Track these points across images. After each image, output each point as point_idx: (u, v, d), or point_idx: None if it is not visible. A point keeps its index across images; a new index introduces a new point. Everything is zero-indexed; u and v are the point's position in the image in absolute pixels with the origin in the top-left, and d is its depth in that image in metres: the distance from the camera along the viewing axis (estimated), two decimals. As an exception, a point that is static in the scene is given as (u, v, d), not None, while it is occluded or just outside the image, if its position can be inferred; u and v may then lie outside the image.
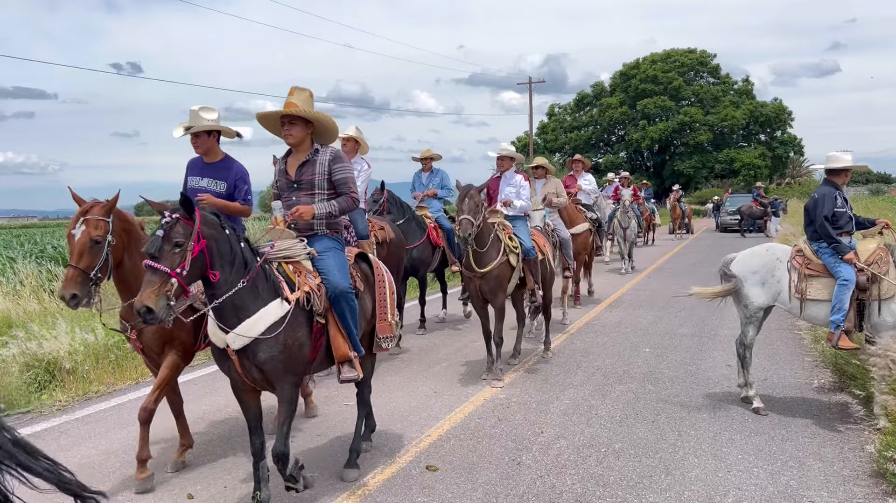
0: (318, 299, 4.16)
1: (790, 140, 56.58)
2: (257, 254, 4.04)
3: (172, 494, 4.47)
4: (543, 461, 4.90)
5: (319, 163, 4.49)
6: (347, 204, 4.52)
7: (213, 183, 5.10)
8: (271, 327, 3.89)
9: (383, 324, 4.82)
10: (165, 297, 3.47)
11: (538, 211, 8.52)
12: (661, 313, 10.79)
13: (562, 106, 61.74)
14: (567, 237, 9.61)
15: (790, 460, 4.87)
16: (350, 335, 4.34)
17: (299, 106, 4.39)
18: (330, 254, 4.41)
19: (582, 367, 7.51)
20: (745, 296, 5.98)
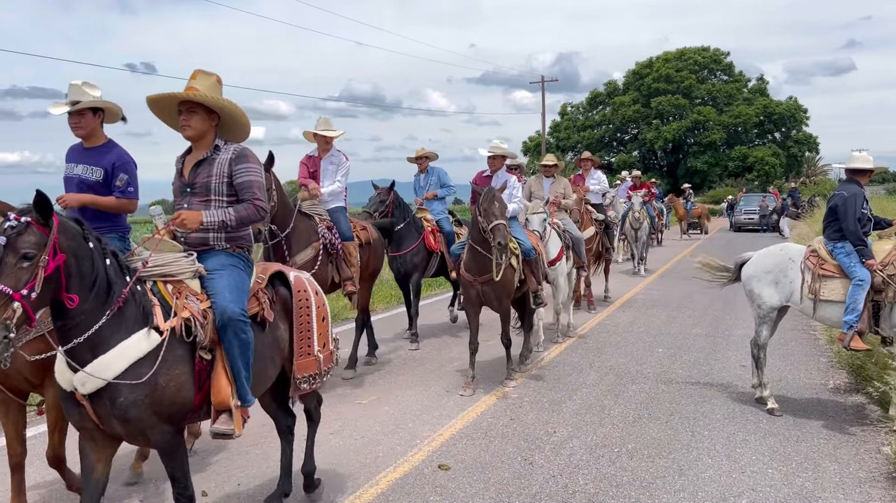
0: (203, 328, 3.33)
1: (805, 138, 56.13)
2: (127, 271, 3.23)
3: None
4: (556, 461, 4.89)
5: (218, 162, 3.72)
6: (249, 212, 3.67)
7: (87, 170, 4.43)
8: (135, 366, 3.07)
9: (305, 360, 3.99)
10: (3, 327, 2.68)
11: (537, 215, 7.96)
12: (674, 313, 10.74)
13: (574, 105, 61.53)
14: (579, 236, 9.27)
15: (805, 461, 4.83)
16: (236, 377, 3.46)
17: (201, 91, 3.65)
18: (224, 273, 3.59)
19: (595, 367, 7.49)
20: (758, 295, 5.95)
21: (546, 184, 9.28)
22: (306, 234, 6.60)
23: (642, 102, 55.92)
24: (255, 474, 4.77)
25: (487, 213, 6.18)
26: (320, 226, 6.79)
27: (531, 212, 7.94)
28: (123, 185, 4.45)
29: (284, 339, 3.91)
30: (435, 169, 9.37)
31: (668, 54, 57.38)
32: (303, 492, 4.34)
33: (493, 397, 6.40)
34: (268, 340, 3.77)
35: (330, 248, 6.77)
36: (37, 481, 4.62)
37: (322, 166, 7.34)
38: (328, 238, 6.75)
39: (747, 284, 6.06)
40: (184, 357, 3.27)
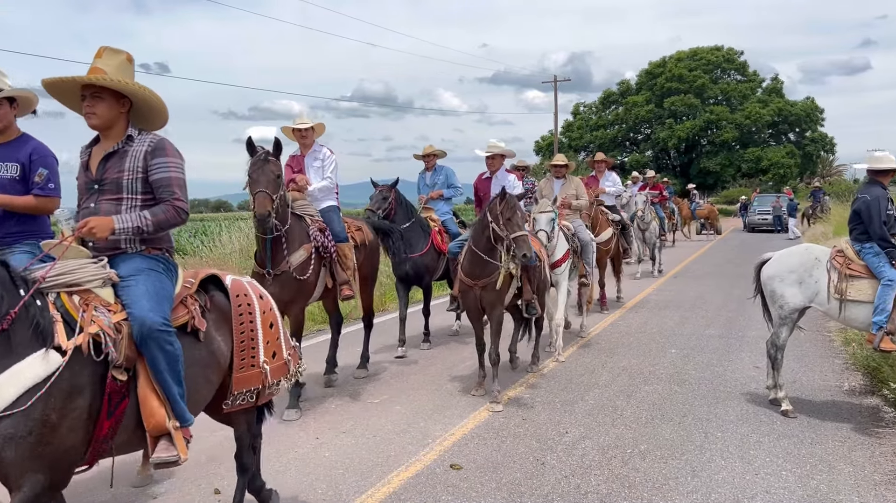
0: (117, 344, 2.90)
1: (821, 138, 55.69)
2: (24, 283, 2.79)
3: (199, 489, 4.52)
4: (568, 461, 4.88)
5: (131, 155, 3.26)
6: (168, 216, 3.24)
7: (1, 167, 4.08)
8: (25, 395, 2.60)
9: (246, 373, 3.54)
10: None
11: (545, 213, 7.50)
12: (687, 314, 10.69)
13: (587, 104, 61.32)
14: (588, 240, 8.77)
15: (819, 463, 4.80)
16: (169, 395, 3.06)
17: (108, 73, 3.17)
18: (141, 279, 3.14)
19: (607, 368, 7.46)
20: (781, 296, 5.87)
21: (557, 185, 8.88)
22: (299, 236, 6.08)
23: (655, 102, 55.68)
24: (268, 472, 4.78)
25: (510, 224, 5.83)
26: (311, 227, 6.22)
27: (538, 210, 7.56)
28: (43, 182, 4.06)
29: (223, 351, 3.44)
30: (443, 168, 9.04)
31: (681, 54, 57.10)
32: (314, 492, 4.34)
33: (505, 397, 6.39)
34: (201, 354, 3.33)
35: (322, 252, 6.22)
36: None
37: (306, 164, 6.86)
38: (320, 241, 6.20)
39: (769, 284, 5.98)
40: (87, 381, 2.79)
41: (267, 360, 3.61)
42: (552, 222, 7.54)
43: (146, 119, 3.43)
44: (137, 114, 3.38)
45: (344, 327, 7.67)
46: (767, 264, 6.07)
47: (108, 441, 2.92)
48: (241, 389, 3.55)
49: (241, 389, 3.56)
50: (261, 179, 5.44)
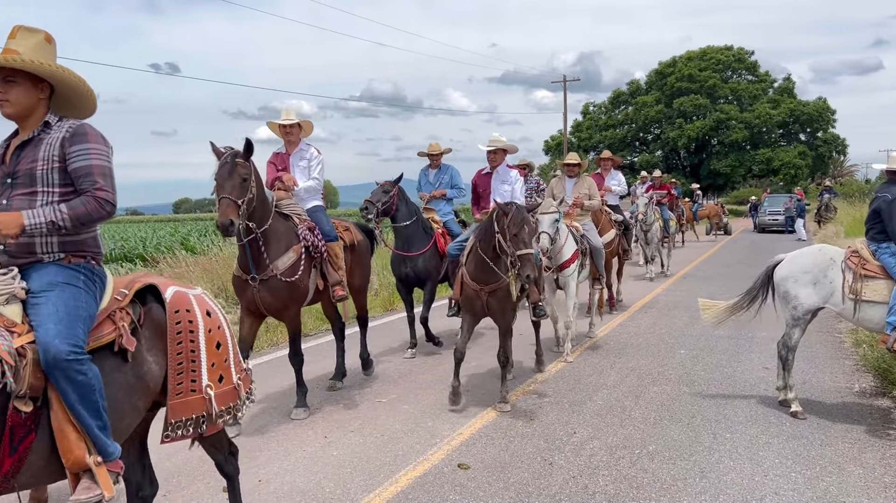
0: (18, 372, 2.55)
1: (833, 139, 55.36)
2: None
3: (209, 487, 4.54)
4: (576, 462, 4.88)
5: (47, 143, 2.89)
6: (89, 209, 2.83)
7: None
8: None
9: (184, 400, 3.09)
10: None
11: (548, 215, 7.15)
12: (696, 314, 10.51)
13: (597, 104, 61.20)
14: (599, 244, 8.49)
15: (829, 465, 4.77)
16: (87, 428, 2.69)
17: (22, 54, 2.80)
18: (52, 296, 2.76)
19: (615, 368, 7.45)
20: (794, 296, 5.82)
21: (569, 184, 8.68)
22: (286, 236, 5.78)
23: (665, 102, 55.51)
24: (277, 471, 4.81)
25: (516, 240, 5.43)
26: (300, 226, 5.96)
27: (541, 211, 7.18)
28: None
29: (154, 374, 3.03)
30: (448, 167, 8.72)
31: (691, 53, 56.89)
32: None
33: (513, 397, 6.38)
34: (126, 377, 2.92)
35: (313, 252, 5.97)
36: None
37: (291, 162, 6.58)
38: (310, 240, 5.94)
39: (782, 285, 5.93)
40: None
41: (211, 385, 3.14)
42: (555, 224, 7.25)
43: (72, 106, 3.07)
44: (61, 101, 3.04)
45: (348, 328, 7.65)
46: (781, 265, 6.03)
47: (10, 479, 2.57)
48: (179, 418, 3.09)
49: (180, 418, 3.09)
50: (226, 184, 5.03)
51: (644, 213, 14.81)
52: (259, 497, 4.39)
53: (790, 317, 5.92)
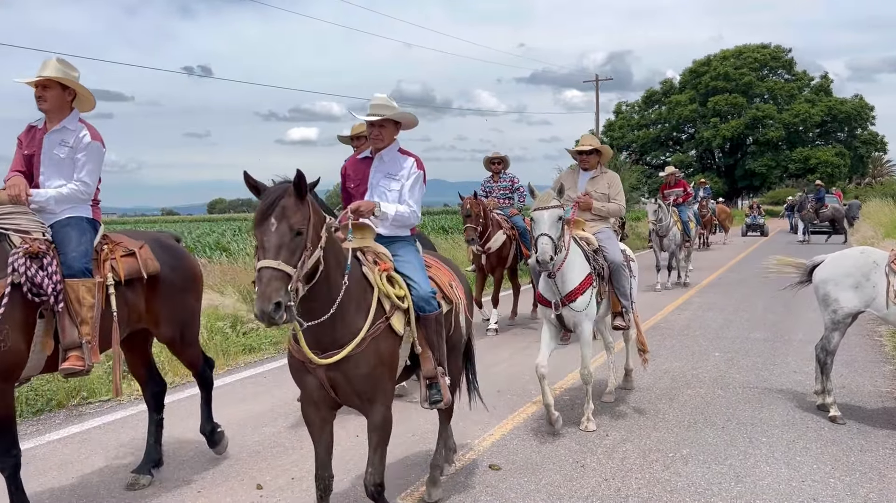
0: None
1: (872, 138, 54.19)
2: None
3: (242, 484, 4.60)
4: (608, 464, 4.84)
5: None
6: None
7: None
8: None
9: None
10: None
11: (547, 210, 5.25)
12: (731, 317, 10.50)
13: (629, 104, 60.75)
14: (619, 261, 5.92)
15: (869, 471, 4.66)
16: None
17: None
18: None
19: (648, 370, 7.37)
20: (835, 300, 5.66)
21: (582, 179, 6.36)
22: None
23: (699, 101, 54.85)
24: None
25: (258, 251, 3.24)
26: (15, 250, 3.86)
27: (537, 205, 5.36)
28: None
29: None
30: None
31: (726, 52, 56.17)
32: (349, 489, 4.38)
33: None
34: None
35: (32, 293, 3.83)
36: (101, 470, 4.77)
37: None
38: (26, 273, 3.83)
39: (822, 288, 5.78)
40: None
41: None
42: (559, 223, 5.27)
43: None
44: None
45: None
46: (821, 267, 5.87)
47: None
48: None
49: None
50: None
51: (654, 221, 13.60)
52: (292, 494, 4.44)
53: (829, 321, 5.78)
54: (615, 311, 6.00)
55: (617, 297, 5.92)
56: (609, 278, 5.86)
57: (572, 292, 5.45)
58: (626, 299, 5.95)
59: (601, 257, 5.84)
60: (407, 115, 4.18)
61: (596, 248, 5.88)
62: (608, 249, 5.93)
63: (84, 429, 5.70)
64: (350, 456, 5.05)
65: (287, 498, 4.37)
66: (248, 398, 6.56)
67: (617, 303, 5.95)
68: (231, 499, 4.38)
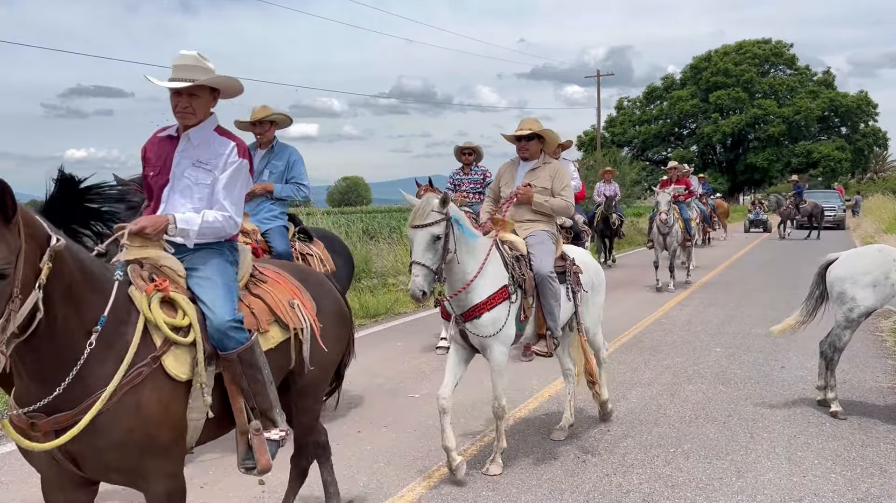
0: None
1: (873, 133, 54.13)
2: None
3: (244, 480, 4.60)
4: (610, 459, 4.84)
5: None
6: None
7: None
8: None
9: None
10: None
11: (421, 230, 4.23)
12: (732, 312, 10.50)
13: (631, 99, 60.72)
14: (545, 271, 4.78)
15: (871, 467, 4.67)
16: None
17: None
18: None
19: (650, 366, 7.38)
20: (852, 298, 5.57)
21: (521, 170, 5.27)
22: None
23: (700, 97, 54.80)
24: (312, 464, 4.85)
25: None
26: None
27: (410, 221, 4.37)
28: None
29: None
30: None
31: (727, 47, 56.08)
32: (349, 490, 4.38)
33: (546, 394, 6.37)
34: None
35: None
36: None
37: None
38: None
39: (838, 286, 5.69)
40: None
41: None
42: (437, 245, 4.22)
43: None
44: None
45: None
46: (836, 265, 5.79)
47: None
48: None
49: None
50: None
51: (665, 212, 12.76)
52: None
53: (843, 319, 5.68)
54: (539, 333, 4.94)
55: (543, 317, 4.86)
56: (536, 296, 4.82)
57: (476, 307, 4.42)
58: (551, 319, 4.81)
59: (525, 265, 4.80)
60: (228, 79, 3.22)
61: (519, 256, 4.81)
62: (535, 256, 4.85)
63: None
64: (352, 450, 5.04)
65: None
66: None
67: (543, 325, 4.89)
68: (234, 495, 4.39)
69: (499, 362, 4.60)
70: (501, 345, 4.58)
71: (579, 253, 5.43)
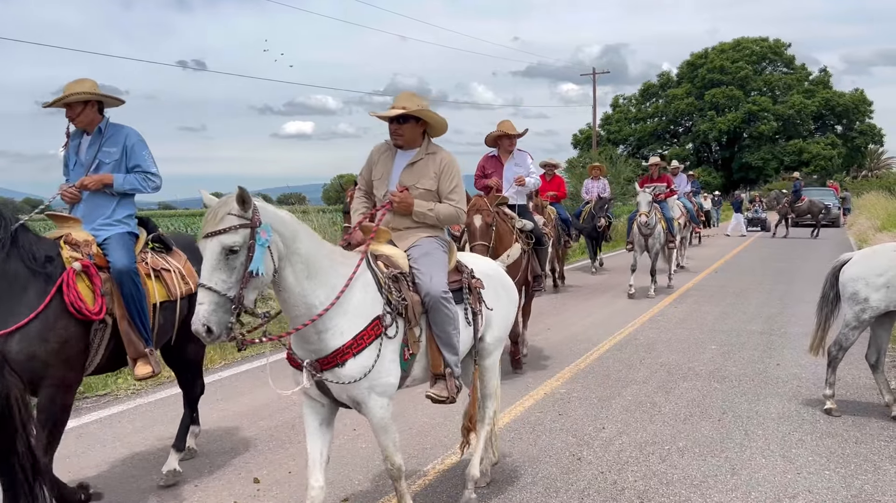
0: None
1: (869, 129, 54.25)
2: None
3: (240, 478, 4.61)
4: (605, 457, 4.85)
5: None
6: None
7: None
8: None
9: None
10: None
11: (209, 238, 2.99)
12: (727, 310, 10.52)
13: (626, 97, 60.73)
14: (437, 292, 3.62)
15: (864, 463, 4.69)
16: None
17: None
18: None
19: (645, 364, 7.39)
20: (865, 299, 5.50)
21: (398, 162, 3.99)
22: None
23: (696, 94, 54.85)
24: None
25: None
26: None
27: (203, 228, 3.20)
28: None
29: None
30: None
31: (724, 45, 56.12)
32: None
33: (541, 392, 6.38)
34: None
35: None
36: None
37: None
38: None
39: (851, 286, 5.62)
40: None
41: None
42: (232, 260, 2.96)
43: None
44: None
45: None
46: (849, 265, 5.73)
47: None
48: None
49: None
50: None
51: (647, 213, 11.81)
52: (288, 488, 4.44)
53: (854, 318, 5.61)
54: (434, 373, 3.74)
55: (438, 350, 3.68)
56: (428, 323, 3.69)
57: (337, 352, 3.28)
58: (450, 352, 3.68)
59: (405, 289, 3.56)
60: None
61: (398, 275, 3.59)
62: (422, 273, 3.65)
63: (81, 423, 5.69)
64: (347, 449, 5.05)
65: (284, 491, 4.38)
66: (245, 392, 6.56)
67: (439, 361, 3.70)
68: (228, 493, 4.39)
69: (380, 418, 3.50)
70: (380, 398, 3.45)
71: (479, 261, 4.39)
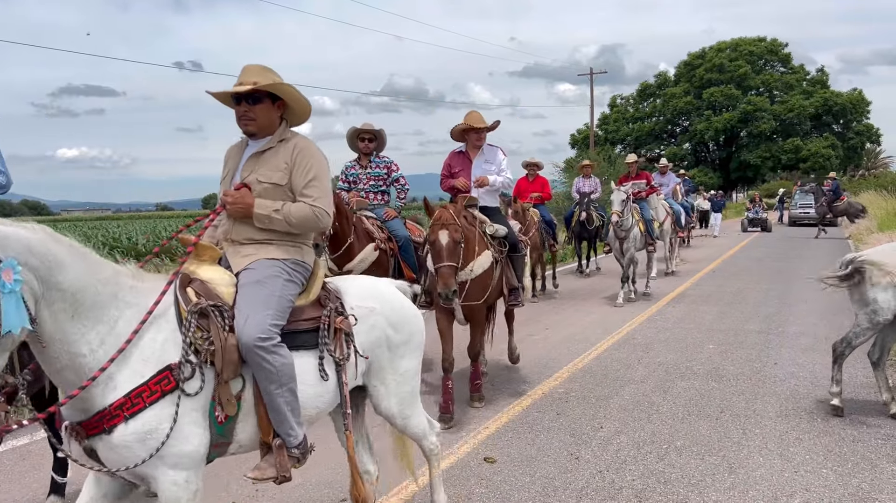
0: None
1: (867, 129, 54.30)
2: None
3: (238, 479, 4.60)
4: (603, 456, 4.86)
5: None
6: None
7: None
8: None
9: None
10: None
11: None
12: (725, 309, 10.53)
13: (624, 97, 60.75)
14: (253, 337, 2.76)
15: (862, 462, 4.70)
16: None
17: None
18: None
19: (643, 363, 7.40)
20: (878, 299, 5.41)
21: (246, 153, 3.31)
22: None
23: (694, 94, 54.87)
24: (308, 464, 4.85)
25: None
26: None
27: None
28: None
29: None
30: None
31: (721, 44, 56.13)
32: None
33: (539, 392, 6.38)
34: None
35: None
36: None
37: None
38: None
39: None
40: None
41: None
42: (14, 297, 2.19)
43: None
44: None
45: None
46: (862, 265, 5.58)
47: None
48: None
49: None
50: None
51: (620, 213, 10.82)
52: (288, 489, 4.44)
53: (866, 320, 5.52)
54: (264, 441, 2.98)
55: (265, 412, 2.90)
56: None
57: (103, 413, 2.49)
58: (278, 417, 2.94)
59: (222, 324, 2.77)
60: None
61: (209, 306, 2.77)
62: (238, 311, 2.85)
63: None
64: (343, 450, 5.03)
65: (283, 492, 4.38)
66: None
67: (267, 428, 2.94)
68: (227, 493, 4.39)
69: (169, 495, 2.61)
70: (173, 472, 2.60)
71: (365, 287, 3.48)
